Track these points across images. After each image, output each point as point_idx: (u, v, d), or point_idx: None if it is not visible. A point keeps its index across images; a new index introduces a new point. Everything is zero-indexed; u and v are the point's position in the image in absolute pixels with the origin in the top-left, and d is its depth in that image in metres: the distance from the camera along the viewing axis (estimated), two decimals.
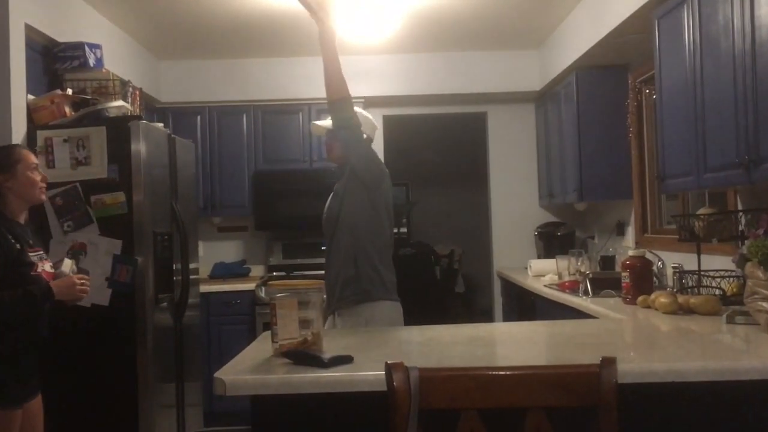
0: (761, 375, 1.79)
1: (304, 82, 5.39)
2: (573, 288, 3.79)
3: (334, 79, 2.70)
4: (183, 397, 3.73)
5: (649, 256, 3.37)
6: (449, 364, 1.87)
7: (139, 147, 3.27)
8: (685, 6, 2.93)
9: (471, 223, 7.73)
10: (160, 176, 3.56)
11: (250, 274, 5.57)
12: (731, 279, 2.95)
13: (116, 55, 4.35)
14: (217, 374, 1.80)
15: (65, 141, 3.23)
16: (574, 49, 4.52)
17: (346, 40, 4.99)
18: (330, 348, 2.03)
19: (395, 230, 3.37)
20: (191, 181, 4.18)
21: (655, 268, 3.46)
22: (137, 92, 3.88)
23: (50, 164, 3.20)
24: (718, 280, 2.98)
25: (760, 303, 2.23)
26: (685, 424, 1.89)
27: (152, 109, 5.20)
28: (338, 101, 2.72)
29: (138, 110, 3.79)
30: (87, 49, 3.63)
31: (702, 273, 3.09)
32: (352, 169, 2.77)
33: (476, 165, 6.67)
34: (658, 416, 1.89)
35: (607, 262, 4.15)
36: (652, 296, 2.91)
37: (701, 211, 3.13)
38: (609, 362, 1.41)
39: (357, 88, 5.39)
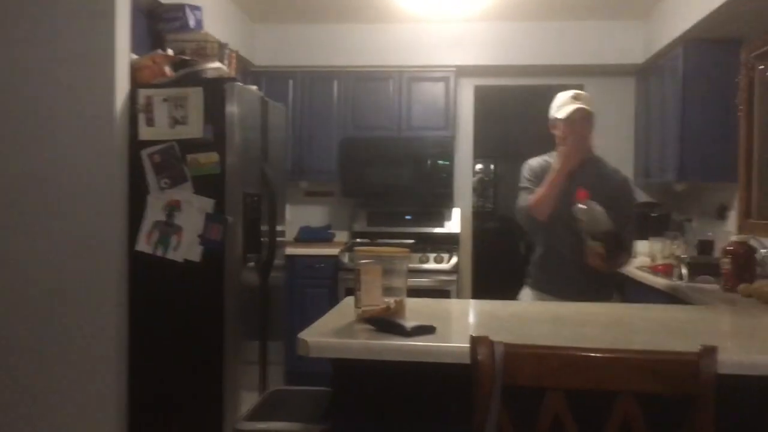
0: None
1: (395, 49, 5.34)
2: (666, 271, 3.64)
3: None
4: (266, 355, 3.83)
5: (752, 242, 3.18)
6: (534, 341, 1.82)
7: (234, 109, 3.32)
8: None
9: None
10: (252, 138, 3.61)
11: (334, 240, 5.64)
12: None
13: (214, 16, 4.42)
14: (300, 335, 1.82)
15: (165, 100, 3.30)
16: (684, 20, 4.26)
17: (437, 7, 4.92)
18: (412, 317, 2.02)
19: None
20: (281, 144, 4.22)
21: (758, 255, 3.26)
22: (233, 55, 3.94)
23: (150, 122, 3.29)
24: None
25: None
26: None
27: (246, 72, 5.28)
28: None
29: (233, 73, 3.85)
30: (187, 10, 3.70)
31: None
32: None
33: None
34: (755, 410, 1.78)
35: (705, 246, 3.95)
36: (755, 285, 2.75)
37: None
38: (709, 351, 1.33)
39: (449, 57, 5.42)
